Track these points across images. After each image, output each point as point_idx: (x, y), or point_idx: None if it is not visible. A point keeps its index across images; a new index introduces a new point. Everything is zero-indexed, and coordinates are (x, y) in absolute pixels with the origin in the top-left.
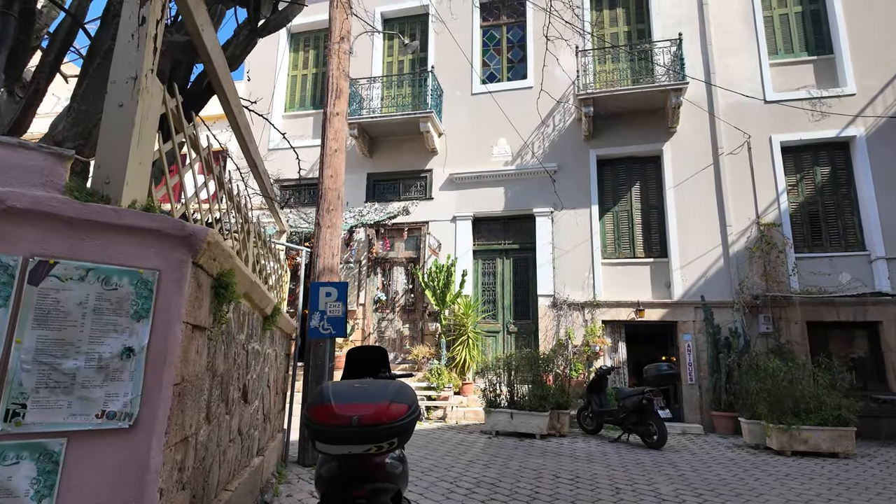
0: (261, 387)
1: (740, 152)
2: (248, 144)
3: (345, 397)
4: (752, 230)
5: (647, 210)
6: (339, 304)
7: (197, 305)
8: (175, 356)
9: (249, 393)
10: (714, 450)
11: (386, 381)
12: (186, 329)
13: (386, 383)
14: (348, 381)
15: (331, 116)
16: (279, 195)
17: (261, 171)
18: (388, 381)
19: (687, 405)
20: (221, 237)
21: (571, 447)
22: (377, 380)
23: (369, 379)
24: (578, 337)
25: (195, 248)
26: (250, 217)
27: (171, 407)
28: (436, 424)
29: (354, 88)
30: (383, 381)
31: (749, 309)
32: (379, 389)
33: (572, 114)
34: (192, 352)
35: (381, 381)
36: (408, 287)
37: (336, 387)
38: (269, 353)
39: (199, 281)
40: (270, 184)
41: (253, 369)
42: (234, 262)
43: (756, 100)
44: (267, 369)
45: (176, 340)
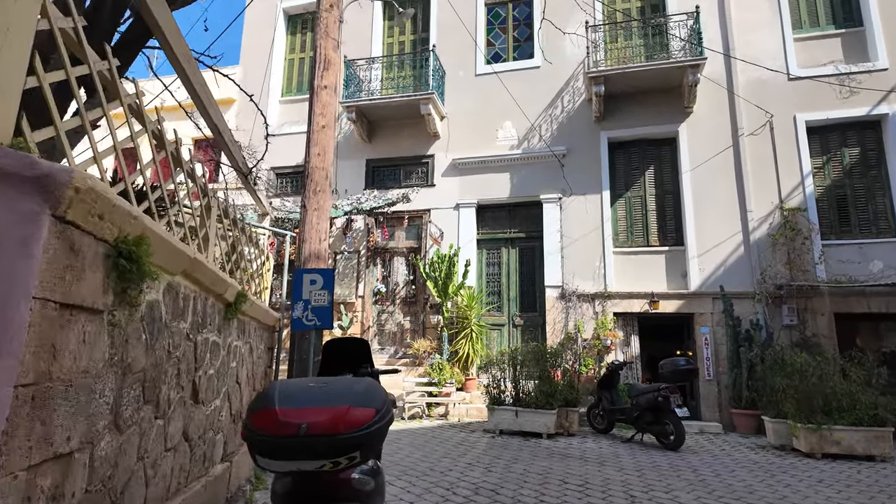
0: (225, 384)
1: (762, 133)
2: (205, 103)
3: (293, 400)
4: (775, 216)
5: (661, 195)
6: (324, 293)
7: (73, 278)
8: (17, 345)
9: (202, 391)
10: (736, 451)
11: (353, 379)
12: (49, 309)
13: (351, 382)
14: (303, 380)
15: (318, 90)
16: (272, 180)
17: (227, 139)
18: (355, 380)
19: (704, 402)
20: (106, 185)
21: (581, 448)
22: (342, 378)
23: (335, 377)
24: (588, 330)
25: (55, 197)
26: (208, 188)
27: (17, 416)
28: (437, 422)
29: (352, 70)
30: (349, 379)
31: (772, 300)
32: (340, 390)
33: (582, 94)
34: (70, 341)
35: (345, 380)
36: (409, 278)
37: (285, 387)
38: (239, 346)
39: (74, 244)
40: (242, 157)
41: (209, 364)
42: (145, 226)
43: (779, 74)
44: (234, 364)
45: (20, 323)
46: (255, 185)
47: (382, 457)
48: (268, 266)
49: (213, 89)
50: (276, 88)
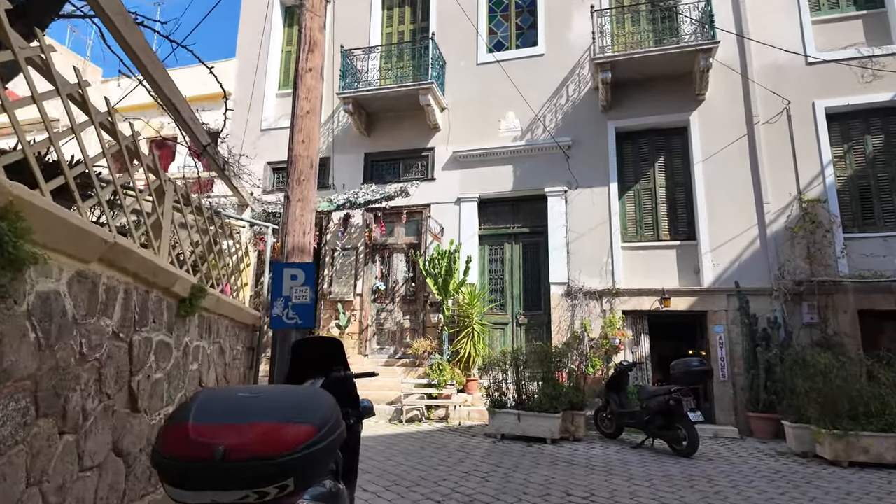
0: (182, 389)
1: (778, 120)
2: (148, 66)
3: (212, 414)
4: (794, 208)
5: (672, 188)
6: (305, 289)
7: None
8: None
9: (144, 399)
10: (754, 458)
11: (295, 388)
12: None
13: (291, 392)
14: (235, 389)
15: (303, 72)
16: (268, 175)
17: (186, 116)
18: (296, 389)
19: (719, 405)
20: None
21: (587, 454)
22: (283, 387)
23: (275, 386)
24: (596, 329)
25: None
26: (159, 168)
27: None
28: (436, 426)
29: (349, 60)
30: (290, 389)
31: (791, 296)
32: (273, 401)
33: (588, 83)
34: None
35: (284, 389)
36: (408, 275)
37: (209, 397)
38: (203, 346)
39: None
40: (202, 130)
41: (153, 367)
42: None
43: (797, 59)
44: (196, 366)
45: None
46: (226, 169)
47: (374, 465)
48: (248, 261)
49: (211, 83)
50: (273, 82)
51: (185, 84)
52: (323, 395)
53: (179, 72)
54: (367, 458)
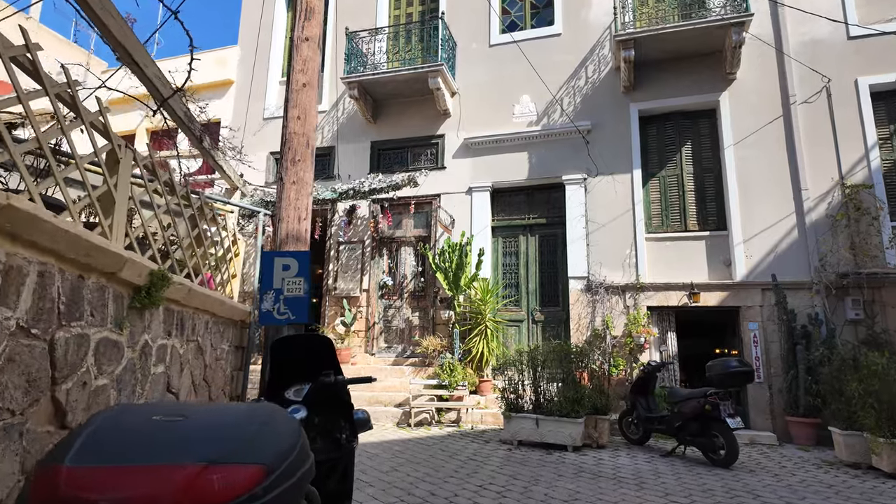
0: (140, 397)
1: (817, 100)
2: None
3: (101, 451)
4: (835, 194)
5: (700, 174)
6: (299, 281)
7: None
8: None
9: (76, 410)
10: (800, 469)
11: (238, 409)
12: None
13: (229, 412)
14: (147, 409)
15: (298, 42)
16: (272, 166)
17: (150, 73)
18: (235, 409)
19: (754, 408)
20: None
21: (613, 464)
22: (222, 406)
23: (210, 405)
24: (618, 326)
25: None
26: (109, 129)
27: None
28: (447, 430)
29: (354, 43)
30: (232, 409)
31: (834, 290)
32: (201, 428)
33: (608, 63)
34: None
35: (220, 409)
36: (417, 270)
37: (103, 426)
38: (171, 345)
39: None
40: (165, 84)
41: (91, 371)
42: None
43: (838, 33)
44: (161, 369)
45: None
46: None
47: (379, 476)
48: (236, 250)
49: (213, 70)
50: (276, 69)
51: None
52: (278, 417)
53: (179, 60)
54: (372, 468)
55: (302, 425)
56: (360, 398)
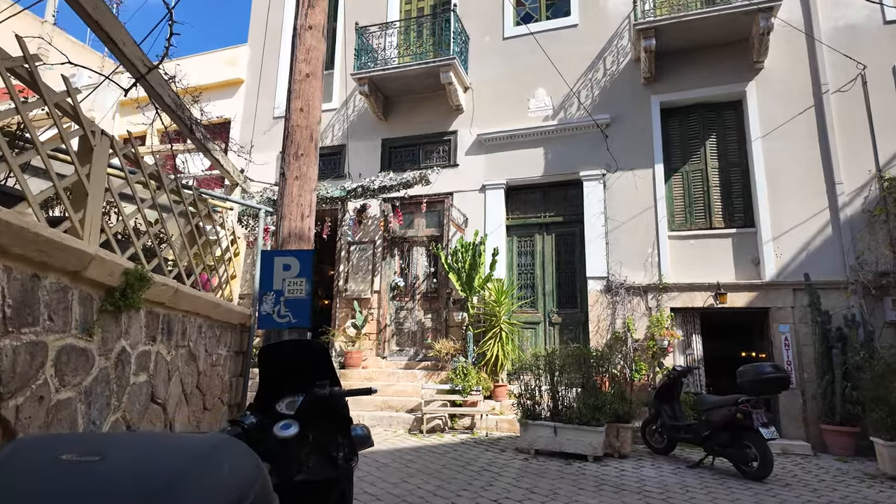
0: (116, 411)
1: (851, 88)
2: None
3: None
4: (873, 187)
5: (726, 168)
6: (301, 282)
7: None
8: None
9: (29, 427)
10: (839, 483)
11: (177, 441)
12: None
13: (163, 449)
14: (55, 441)
15: (301, 30)
16: None
17: (129, 53)
18: (175, 444)
19: (786, 416)
20: None
21: (637, 476)
22: (155, 436)
23: (144, 433)
24: (640, 329)
25: None
26: (81, 114)
27: None
28: (460, 437)
29: (364, 38)
30: (169, 441)
31: (873, 290)
32: (115, 476)
33: (628, 54)
34: None
35: (150, 444)
36: (429, 270)
37: (4, 463)
38: (157, 351)
39: None
40: (140, 59)
41: (48, 386)
42: None
43: (873, 17)
44: (144, 378)
45: None
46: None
47: (388, 489)
48: (236, 249)
49: (223, 70)
50: (286, 67)
51: (196, 72)
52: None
53: (189, 60)
54: (381, 479)
55: (293, 442)
56: (370, 403)
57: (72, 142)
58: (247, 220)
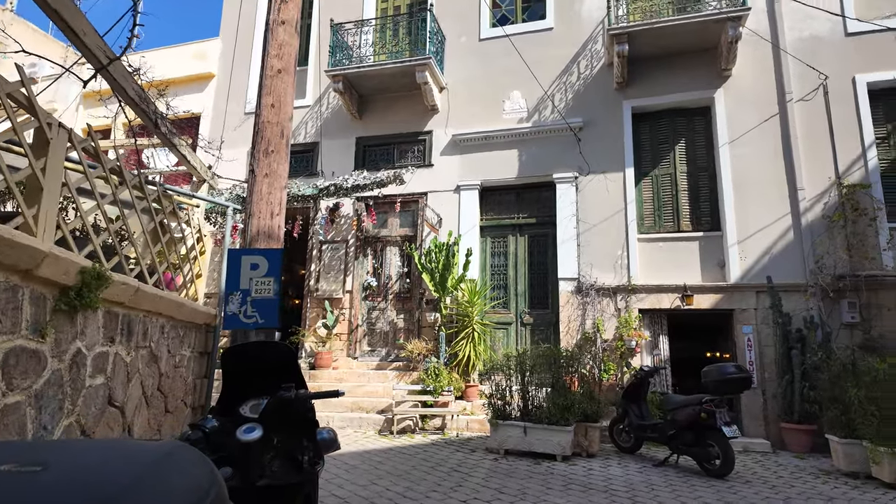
0: (70, 415)
1: (814, 97)
2: None
3: None
4: (832, 194)
5: (694, 173)
6: (269, 281)
7: None
8: None
9: None
10: (797, 479)
11: (124, 451)
12: None
13: (107, 460)
14: (5, 447)
15: (274, 25)
16: None
17: (90, 43)
18: (119, 450)
19: (747, 415)
20: None
21: (605, 474)
22: (98, 444)
23: (90, 441)
24: (609, 329)
25: None
26: (36, 104)
27: None
28: (431, 437)
29: (339, 35)
30: (116, 450)
31: (831, 293)
32: (59, 488)
33: (601, 58)
34: None
35: (97, 450)
36: (403, 271)
37: None
38: (115, 353)
39: None
40: (102, 48)
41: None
42: None
43: (835, 29)
44: (99, 381)
45: None
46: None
47: (356, 491)
48: (202, 248)
49: (192, 64)
50: (258, 63)
51: (164, 65)
52: (183, 462)
53: (157, 53)
54: (350, 481)
55: (256, 446)
56: (340, 405)
57: (26, 134)
58: (215, 218)
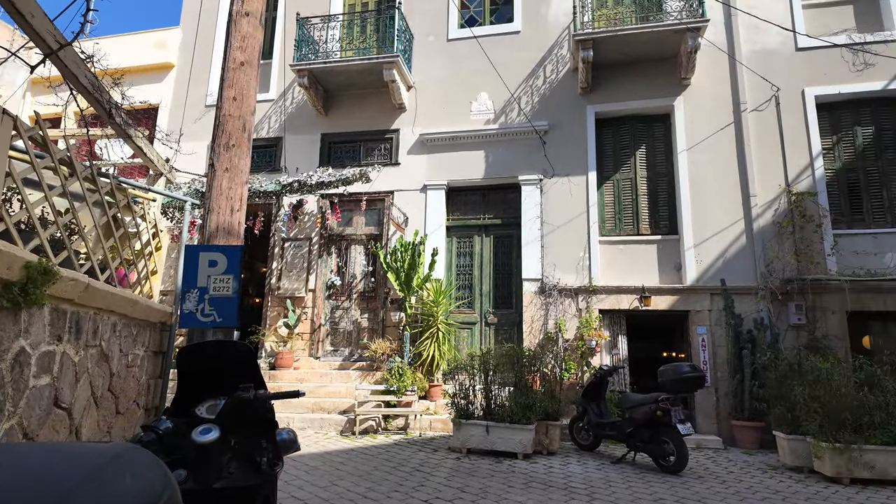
0: (12, 417)
1: (767, 108)
2: None
3: None
4: (782, 201)
5: (654, 178)
6: (228, 279)
7: None
8: None
9: None
10: (745, 474)
11: (66, 449)
12: None
13: (52, 456)
14: None
15: (237, 17)
16: None
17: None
18: (65, 453)
19: (701, 412)
20: None
21: (564, 472)
22: (37, 448)
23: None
24: (571, 329)
25: None
26: None
27: None
28: (394, 438)
29: (305, 29)
30: (51, 451)
31: (780, 295)
32: (8, 493)
33: (567, 63)
34: None
35: (40, 453)
36: (368, 270)
37: None
38: (62, 352)
39: None
40: (51, 32)
41: None
42: None
43: (787, 44)
44: (45, 381)
45: None
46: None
47: (315, 493)
48: (158, 243)
49: (151, 53)
50: (220, 54)
51: (121, 53)
52: (133, 464)
53: (113, 40)
54: (309, 483)
55: (213, 448)
56: (301, 405)
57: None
58: (172, 213)
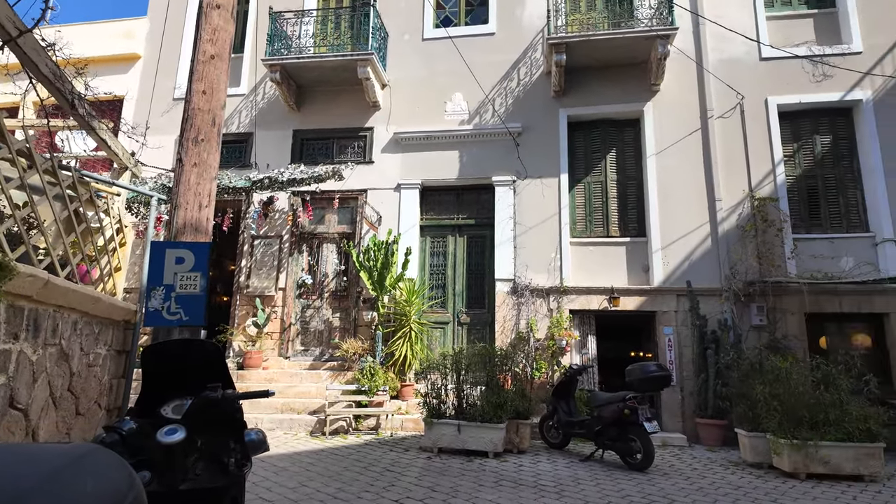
0: None
1: (732, 115)
2: None
3: None
4: (746, 206)
5: (623, 181)
6: (195, 276)
7: None
8: None
9: None
10: (709, 470)
11: (24, 451)
12: None
13: (11, 458)
14: None
15: (208, 9)
16: None
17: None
18: (22, 454)
19: (667, 411)
20: None
21: (534, 470)
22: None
23: None
24: (542, 329)
25: None
26: None
27: None
28: (365, 438)
29: (278, 24)
30: (9, 453)
31: (742, 297)
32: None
33: (540, 66)
34: None
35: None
36: (340, 268)
37: None
38: (15, 351)
39: None
40: (11, 18)
41: None
42: None
43: (751, 54)
44: (3, 380)
45: None
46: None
47: (284, 493)
48: (122, 239)
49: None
50: (189, 45)
51: (84, 42)
52: (96, 466)
53: (76, 28)
54: (278, 484)
55: (178, 449)
56: (270, 406)
57: None
58: (137, 208)
